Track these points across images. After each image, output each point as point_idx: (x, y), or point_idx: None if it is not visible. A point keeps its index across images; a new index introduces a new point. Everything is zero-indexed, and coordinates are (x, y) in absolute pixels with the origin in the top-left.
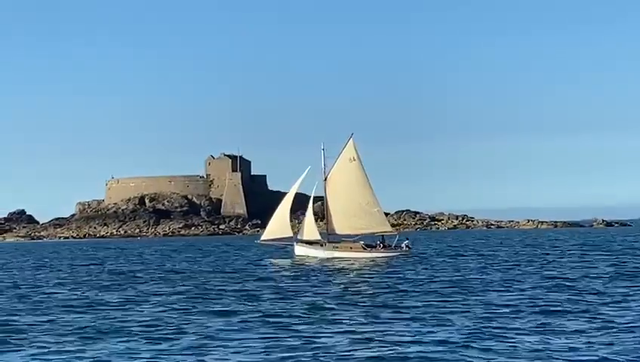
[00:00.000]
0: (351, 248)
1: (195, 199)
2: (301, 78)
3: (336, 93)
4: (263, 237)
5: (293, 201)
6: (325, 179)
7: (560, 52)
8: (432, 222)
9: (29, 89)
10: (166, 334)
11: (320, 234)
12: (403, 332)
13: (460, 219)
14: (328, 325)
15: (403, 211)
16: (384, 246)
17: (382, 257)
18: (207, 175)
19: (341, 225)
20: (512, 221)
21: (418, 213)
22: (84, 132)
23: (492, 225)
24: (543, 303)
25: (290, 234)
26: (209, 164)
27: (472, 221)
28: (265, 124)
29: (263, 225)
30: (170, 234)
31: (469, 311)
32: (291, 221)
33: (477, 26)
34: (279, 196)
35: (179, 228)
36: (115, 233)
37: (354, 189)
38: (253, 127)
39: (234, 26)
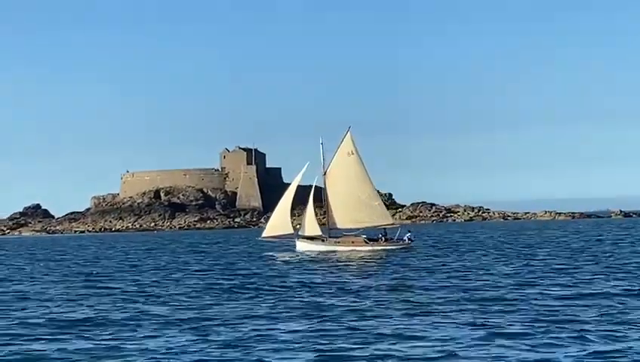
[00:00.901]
0: (352, 242)
1: (210, 192)
2: (317, 71)
3: (353, 86)
4: (264, 234)
5: (297, 195)
6: (325, 174)
7: (567, 44)
8: (448, 214)
9: (43, 85)
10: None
11: (321, 228)
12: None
13: (476, 210)
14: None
15: (419, 203)
16: (386, 240)
17: (385, 250)
18: (222, 168)
19: (342, 220)
20: (529, 212)
21: (434, 204)
22: (98, 126)
23: (509, 216)
24: None
25: (291, 230)
26: (224, 157)
27: (489, 212)
28: (279, 117)
29: None
30: (185, 227)
31: None
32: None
33: (489, 14)
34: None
35: (194, 221)
36: (130, 227)
37: (353, 183)
38: (267, 120)
39: (247, 22)
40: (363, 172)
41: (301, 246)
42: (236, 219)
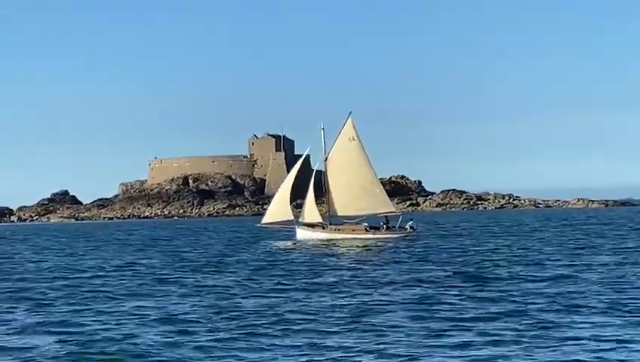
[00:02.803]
0: (353, 230)
1: (238, 179)
2: (345, 58)
3: (379, 74)
4: (263, 221)
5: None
6: (325, 160)
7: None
8: (479, 202)
9: (71, 72)
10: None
11: (322, 216)
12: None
13: (507, 198)
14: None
15: (449, 191)
16: (388, 228)
17: (386, 238)
18: (250, 155)
19: (343, 207)
20: (560, 200)
21: (464, 192)
22: (126, 113)
23: (540, 204)
24: None
25: (291, 217)
26: (252, 143)
27: (519, 200)
28: (308, 103)
29: None
30: (214, 214)
31: None
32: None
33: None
34: (323, 176)
35: (223, 208)
36: (159, 214)
37: (354, 170)
38: (296, 106)
39: (271, 9)
40: (364, 158)
41: (301, 233)
42: (265, 206)
